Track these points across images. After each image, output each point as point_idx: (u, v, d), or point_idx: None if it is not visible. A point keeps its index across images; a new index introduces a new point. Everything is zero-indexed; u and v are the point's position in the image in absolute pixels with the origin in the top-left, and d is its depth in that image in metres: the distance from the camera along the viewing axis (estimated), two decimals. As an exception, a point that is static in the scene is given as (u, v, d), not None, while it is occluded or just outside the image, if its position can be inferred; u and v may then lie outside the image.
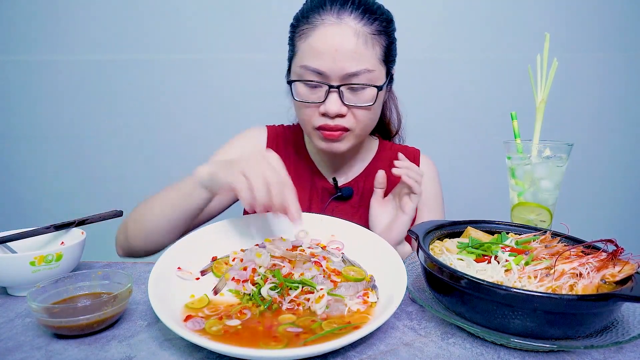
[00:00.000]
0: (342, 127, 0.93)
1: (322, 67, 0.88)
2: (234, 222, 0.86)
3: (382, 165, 1.13)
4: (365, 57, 0.89)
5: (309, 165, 1.12)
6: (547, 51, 0.85)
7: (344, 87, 0.90)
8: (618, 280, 0.59)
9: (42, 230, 0.82)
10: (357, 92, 0.91)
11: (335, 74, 0.88)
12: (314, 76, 0.90)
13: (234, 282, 0.70)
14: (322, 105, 0.91)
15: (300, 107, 0.96)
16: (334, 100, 0.90)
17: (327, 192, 1.10)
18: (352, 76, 0.89)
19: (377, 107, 0.96)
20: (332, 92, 0.90)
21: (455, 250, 0.70)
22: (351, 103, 0.91)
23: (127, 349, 0.56)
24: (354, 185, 1.11)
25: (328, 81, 0.90)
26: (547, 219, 0.86)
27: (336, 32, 0.88)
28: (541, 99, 0.86)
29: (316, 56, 0.89)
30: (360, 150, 1.12)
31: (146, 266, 0.89)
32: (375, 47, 0.91)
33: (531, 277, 0.59)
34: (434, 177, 1.17)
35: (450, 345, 0.58)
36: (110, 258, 0.97)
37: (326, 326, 0.59)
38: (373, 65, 0.90)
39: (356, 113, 0.93)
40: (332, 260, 0.76)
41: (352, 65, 0.88)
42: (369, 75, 0.90)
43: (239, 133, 1.16)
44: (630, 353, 0.57)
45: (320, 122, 0.93)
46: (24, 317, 0.65)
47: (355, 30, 0.88)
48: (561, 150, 0.85)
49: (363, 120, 0.94)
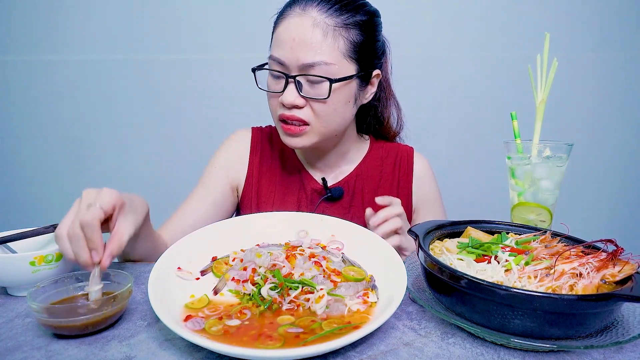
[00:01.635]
0: (298, 118, 0.92)
1: (282, 57, 0.89)
2: (234, 222, 0.86)
3: (372, 165, 1.12)
4: (323, 49, 0.87)
5: (297, 167, 1.11)
6: (547, 51, 0.85)
7: (301, 78, 0.89)
8: (618, 280, 0.59)
9: (42, 230, 0.82)
10: (314, 85, 0.90)
11: (292, 64, 0.88)
12: (276, 66, 0.91)
13: (234, 282, 0.70)
14: (281, 95, 0.92)
15: (268, 98, 0.97)
16: (291, 91, 0.90)
17: (317, 193, 1.09)
18: (309, 67, 0.88)
19: (337, 103, 0.93)
20: (290, 82, 0.90)
21: (455, 250, 0.70)
22: (309, 95, 0.90)
23: (127, 349, 0.56)
24: (344, 185, 1.09)
25: (287, 71, 0.90)
26: (547, 219, 0.86)
27: (297, 23, 0.89)
28: (541, 99, 0.86)
29: (278, 46, 0.90)
30: (347, 151, 1.10)
31: (146, 266, 0.89)
32: (338, 40, 0.89)
33: (531, 277, 0.59)
34: (430, 177, 1.16)
35: (450, 345, 0.58)
36: (110, 258, 0.97)
37: (326, 326, 0.59)
38: (332, 59, 0.88)
39: (314, 106, 0.92)
40: (332, 260, 0.76)
41: (308, 55, 0.87)
42: (326, 68, 0.88)
43: (225, 139, 1.16)
44: (630, 353, 0.57)
45: (280, 112, 0.93)
46: (24, 317, 0.65)
47: (314, 21, 0.88)
48: (561, 150, 0.85)
49: (322, 115, 0.92)
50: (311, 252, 0.78)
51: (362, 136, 1.15)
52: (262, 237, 0.84)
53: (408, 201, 1.12)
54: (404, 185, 1.12)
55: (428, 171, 1.16)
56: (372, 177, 1.11)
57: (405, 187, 1.12)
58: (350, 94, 0.94)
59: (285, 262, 0.73)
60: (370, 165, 1.12)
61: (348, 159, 1.11)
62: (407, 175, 1.13)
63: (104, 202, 0.66)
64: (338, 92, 0.91)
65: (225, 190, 1.09)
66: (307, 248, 0.79)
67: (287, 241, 0.83)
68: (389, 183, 1.11)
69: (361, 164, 1.12)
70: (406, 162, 1.13)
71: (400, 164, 1.13)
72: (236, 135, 1.15)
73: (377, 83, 1.02)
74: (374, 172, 1.12)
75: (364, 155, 1.13)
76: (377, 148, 1.15)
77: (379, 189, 1.10)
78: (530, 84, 0.87)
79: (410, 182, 1.13)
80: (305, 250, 0.78)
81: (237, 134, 1.16)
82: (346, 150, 1.09)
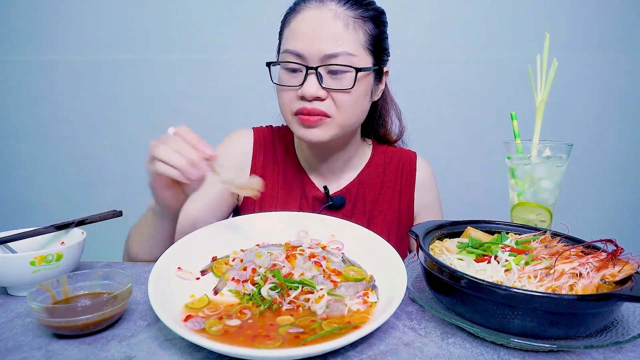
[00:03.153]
0: (319, 111, 0.90)
1: (301, 49, 0.88)
2: (234, 222, 0.86)
3: (375, 172, 1.10)
4: (345, 40, 0.88)
5: (299, 173, 1.08)
6: (547, 51, 0.85)
7: (322, 69, 0.88)
8: (618, 280, 0.59)
9: (42, 230, 0.82)
10: (337, 77, 0.89)
11: (313, 55, 0.87)
12: (294, 58, 0.90)
13: (234, 282, 0.70)
14: (300, 88, 0.90)
15: (280, 92, 0.95)
16: (312, 82, 0.88)
17: (318, 201, 1.06)
18: (331, 57, 0.87)
19: (359, 94, 0.92)
20: (310, 74, 0.88)
21: (455, 250, 0.70)
22: (330, 87, 0.89)
23: (127, 349, 0.56)
24: (345, 193, 1.07)
25: (307, 63, 0.89)
26: (547, 219, 0.86)
27: (315, 14, 0.88)
28: (541, 99, 0.86)
29: (295, 38, 0.89)
30: (352, 156, 1.08)
31: (146, 266, 0.89)
32: (358, 32, 0.89)
33: (531, 277, 0.59)
34: (432, 184, 1.16)
35: (450, 345, 0.58)
36: (110, 258, 0.97)
37: (326, 326, 0.59)
38: (354, 50, 0.88)
39: (336, 98, 0.90)
40: (332, 260, 0.76)
41: (331, 46, 0.87)
42: (350, 58, 0.88)
43: (226, 136, 1.12)
44: (630, 353, 0.57)
45: (299, 106, 0.91)
46: (24, 317, 0.65)
47: (335, 12, 0.88)
48: (561, 150, 0.85)
49: (343, 107, 0.91)
50: (311, 252, 0.78)
51: (365, 140, 1.14)
52: (262, 237, 0.84)
53: (409, 207, 1.12)
54: (405, 192, 1.11)
55: (430, 178, 1.15)
56: (374, 184, 1.10)
57: (407, 193, 1.11)
58: (368, 86, 0.95)
59: (285, 262, 0.73)
60: (373, 172, 1.11)
61: (351, 165, 1.10)
62: (409, 181, 1.12)
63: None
64: (360, 83, 0.91)
65: (224, 193, 1.05)
66: (307, 248, 0.79)
67: (287, 241, 0.83)
68: (391, 190, 1.10)
69: (364, 171, 1.10)
70: (409, 168, 1.12)
71: (402, 170, 1.12)
72: (237, 135, 1.11)
73: (385, 81, 1.03)
74: (376, 179, 1.10)
75: (366, 162, 1.11)
76: (380, 153, 1.13)
77: (381, 197, 1.09)
78: (530, 84, 0.87)
79: (412, 189, 1.12)
80: (305, 250, 0.78)
81: (237, 134, 1.12)
82: (351, 155, 1.08)
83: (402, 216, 1.10)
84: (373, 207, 1.08)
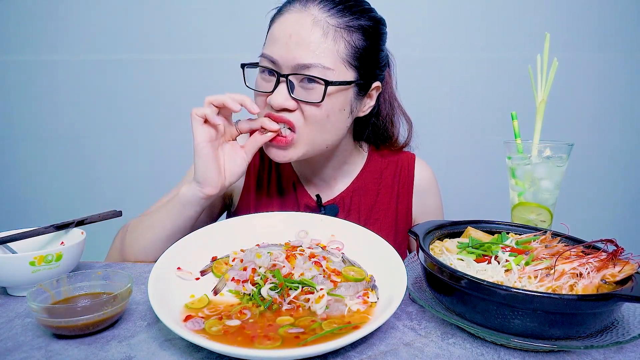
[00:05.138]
0: (286, 120, 0.84)
1: (275, 55, 0.83)
2: (234, 222, 0.86)
3: (370, 178, 1.06)
4: (321, 50, 0.81)
5: (292, 181, 1.05)
6: (547, 51, 0.85)
7: (293, 78, 0.83)
8: (618, 280, 0.59)
9: (42, 230, 0.82)
10: (308, 86, 0.83)
11: (286, 62, 0.82)
12: (268, 64, 0.85)
13: (234, 282, 0.70)
14: (270, 95, 0.84)
15: (255, 98, 0.91)
16: (281, 91, 0.83)
17: (310, 210, 1.02)
18: (304, 68, 0.81)
19: (331, 110, 0.85)
20: (282, 82, 0.83)
21: (455, 250, 0.70)
22: (300, 97, 0.83)
23: (127, 349, 0.56)
24: (339, 202, 1.03)
25: (280, 70, 0.83)
26: (547, 219, 0.86)
27: (295, 19, 0.82)
28: (541, 99, 0.86)
29: (273, 43, 0.84)
30: (343, 164, 1.04)
31: (146, 266, 0.89)
32: (339, 43, 0.82)
33: (531, 277, 0.59)
34: (432, 188, 1.11)
35: (450, 345, 0.58)
36: (110, 258, 0.97)
37: (326, 326, 0.59)
38: (331, 62, 0.81)
39: (305, 110, 0.84)
40: (332, 260, 0.76)
41: (305, 55, 0.80)
42: (324, 71, 0.81)
43: None
44: (630, 353, 0.57)
45: (266, 112, 0.86)
46: (24, 317, 0.65)
47: (315, 19, 0.81)
48: (561, 150, 0.85)
49: (312, 121, 0.85)
50: (311, 252, 0.77)
51: (360, 146, 1.08)
52: (262, 237, 0.84)
53: (407, 214, 1.08)
54: (403, 199, 1.07)
55: (430, 182, 1.10)
56: (369, 191, 1.05)
57: (405, 199, 1.07)
58: (345, 101, 0.87)
59: (285, 262, 0.73)
60: (368, 178, 1.06)
61: (344, 173, 1.05)
62: (407, 186, 1.07)
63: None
64: (333, 97, 0.84)
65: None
66: (307, 248, 0.79)
67: (287, 241, 0.82)
68: (388, 197, 1.06)
69: (358, 178, 1.05)
70: (406, 172, 1.08)
71: (400, 175, 1.07)
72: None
73: (375, 96, 0.95)
74: (371, 185, 1.06)
75: (361, 168, 1.06)
76: (376, 159, 1.08)
77: (377, 204, 1.05)
78: (530, 84, 0.87)
79: (410, 194, 1.08)
80: (305, 250, 0.78)
81: None
82: (342, 162, 1.03)
83: (399, 224, 1.07)
84: (368, 216, 1.04)
